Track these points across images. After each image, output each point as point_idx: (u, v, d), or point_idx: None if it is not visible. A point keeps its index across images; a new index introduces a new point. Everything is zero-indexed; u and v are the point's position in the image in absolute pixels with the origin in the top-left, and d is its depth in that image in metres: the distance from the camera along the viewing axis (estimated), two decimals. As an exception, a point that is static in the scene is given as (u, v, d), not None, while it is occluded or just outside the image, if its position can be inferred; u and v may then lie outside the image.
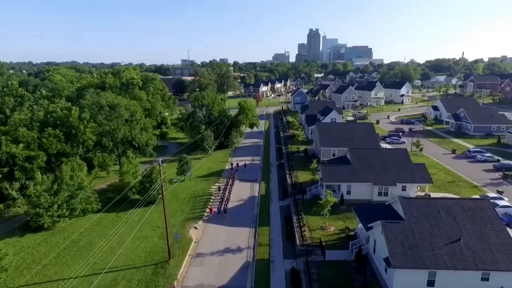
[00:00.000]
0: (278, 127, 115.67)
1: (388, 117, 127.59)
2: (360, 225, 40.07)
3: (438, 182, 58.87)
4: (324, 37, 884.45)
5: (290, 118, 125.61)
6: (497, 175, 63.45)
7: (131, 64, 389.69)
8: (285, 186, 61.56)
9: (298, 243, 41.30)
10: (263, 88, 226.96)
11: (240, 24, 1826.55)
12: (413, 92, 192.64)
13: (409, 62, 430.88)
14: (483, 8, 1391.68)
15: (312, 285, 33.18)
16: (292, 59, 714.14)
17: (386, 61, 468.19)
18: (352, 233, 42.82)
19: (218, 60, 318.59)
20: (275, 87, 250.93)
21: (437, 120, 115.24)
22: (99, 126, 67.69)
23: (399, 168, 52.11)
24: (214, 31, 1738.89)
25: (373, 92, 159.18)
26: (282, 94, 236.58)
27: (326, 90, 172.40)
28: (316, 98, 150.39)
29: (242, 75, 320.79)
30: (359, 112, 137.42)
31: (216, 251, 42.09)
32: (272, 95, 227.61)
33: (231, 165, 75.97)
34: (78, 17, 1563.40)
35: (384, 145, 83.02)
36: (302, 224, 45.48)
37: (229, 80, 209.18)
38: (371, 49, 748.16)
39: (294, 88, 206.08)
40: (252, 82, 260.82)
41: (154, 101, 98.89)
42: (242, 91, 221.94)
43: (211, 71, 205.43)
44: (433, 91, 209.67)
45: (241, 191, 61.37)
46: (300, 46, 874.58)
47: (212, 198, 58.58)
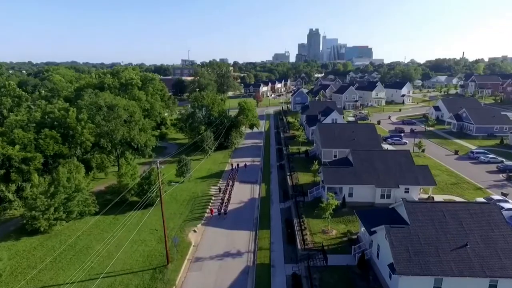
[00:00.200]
0: (279, 128, 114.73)
1: (389, 118, 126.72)
2: (363, 229, 39.18)
3: (441, 184, 57.98)
4: (324, 37, 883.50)
5: (291, 119, 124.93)
6: (501, 177, 62.55)
7: (131, 64, 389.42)
8: (286, 188, 60.64)
9: (300, 247, 40.39)
10: (263, 88, 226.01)
11: (240, 24, 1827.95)
12: (414, 92, 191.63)
13: (409, 62, 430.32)
14: (483, 8, 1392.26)
15: (314, 292, 32.32)
16: (292, 59, 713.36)
17: (386, 61, 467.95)
18: (355, 237, 41.91)
19: (218, 60, 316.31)
20: (275, 87, 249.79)
21: (439, 121, 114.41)
22: (97, 127, 66.77)
23: (402, 170, 51.19)
24: (214, 31, 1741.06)
25: (374, 92, 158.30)
26: (282, 94, 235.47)
27: (327, 90, 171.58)
28: (317, 99, 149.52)
29: (242, 75, 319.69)
30: (360, 113, 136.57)
31: (216, 255, 41.18)
32: (272, 95, 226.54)
33: (231, 166, 75.09)
34: (78, 17, 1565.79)
35: (386, 146, 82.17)
36: (304, 228, 44.59)
37: (229, 80, 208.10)
38: (371, 49, 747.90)
39: (294, 88, 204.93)
40: (252, 82, 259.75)
41: (154, 102, 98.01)
42: (242, 91, 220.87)
43: (211, 71, 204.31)
44: (434, 91, 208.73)
45: (241, 193, 60.44)
46: (300, 46, 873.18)
47: (212, 200, 57.69)
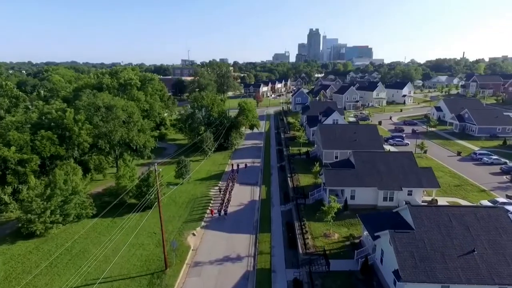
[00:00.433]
0: (279, 128, 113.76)
1: (390, 118, 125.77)
2: (366, 233, 38.28)
3: (445, 186, 56.98)
4: (324, 37, 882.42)
5: (291, 119, 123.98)
6: (505, 178, 61.67)
7: (131, 64, 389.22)
8: (287, 190, 59.65)
9: (301, 252, 39.44)
10: (263, 88, 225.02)
11: (240, 24, 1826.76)
12: (415, 93, 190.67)
13: (410, 62, 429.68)
14: (483, 8, 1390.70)
15: (316, 298, 31.43)
16: (292, 59, 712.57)
17: (387, 61, 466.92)
18: (357, 241, 40.99)
19: (218, 60, 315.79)
20: (276, 87, 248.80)
21: (440, 121, 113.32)
22: (95, 128, 65.84)
23: (405, 172, 50.22)
24: (214, 31, 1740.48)
25: (375, 93, 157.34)
26: (283, 94, 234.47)
27: (327, 91, 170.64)
28: (317, 99, 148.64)
29: (242, 75, 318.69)
30: (361, 113, 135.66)
31: (215, 260, 40.24)
32: (273, 96, 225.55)
33: (231, 167, 74.18)
34: (78, 17, 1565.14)
35: (387, 147, 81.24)
36: (305, 231, 43.63)
37: (229, 80, 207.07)
38: (371, 49, 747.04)
39: (295, 88, 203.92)
40: (252, 82, 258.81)
41: (153, 102, 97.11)
42: (242, 91, 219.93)
43: (211, 71, 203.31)
44: (435, 91, 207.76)
45: (241, 195, 59.46)
46: (300, 46, 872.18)
47: (212, 202, 56.75)
